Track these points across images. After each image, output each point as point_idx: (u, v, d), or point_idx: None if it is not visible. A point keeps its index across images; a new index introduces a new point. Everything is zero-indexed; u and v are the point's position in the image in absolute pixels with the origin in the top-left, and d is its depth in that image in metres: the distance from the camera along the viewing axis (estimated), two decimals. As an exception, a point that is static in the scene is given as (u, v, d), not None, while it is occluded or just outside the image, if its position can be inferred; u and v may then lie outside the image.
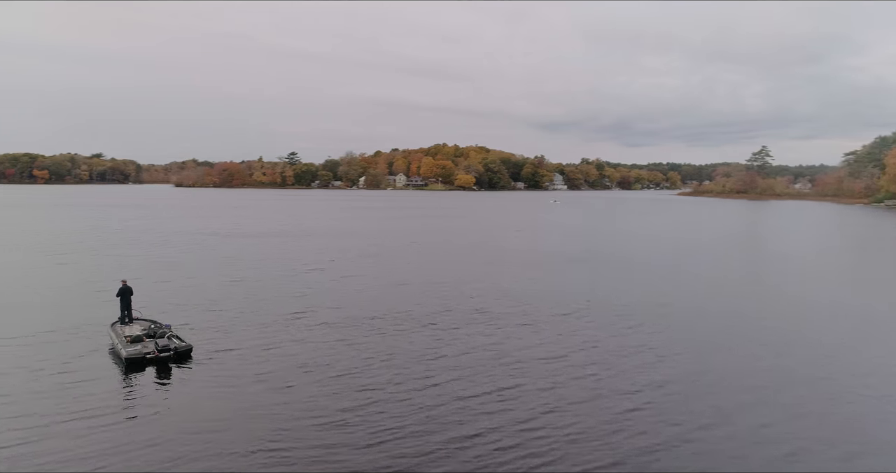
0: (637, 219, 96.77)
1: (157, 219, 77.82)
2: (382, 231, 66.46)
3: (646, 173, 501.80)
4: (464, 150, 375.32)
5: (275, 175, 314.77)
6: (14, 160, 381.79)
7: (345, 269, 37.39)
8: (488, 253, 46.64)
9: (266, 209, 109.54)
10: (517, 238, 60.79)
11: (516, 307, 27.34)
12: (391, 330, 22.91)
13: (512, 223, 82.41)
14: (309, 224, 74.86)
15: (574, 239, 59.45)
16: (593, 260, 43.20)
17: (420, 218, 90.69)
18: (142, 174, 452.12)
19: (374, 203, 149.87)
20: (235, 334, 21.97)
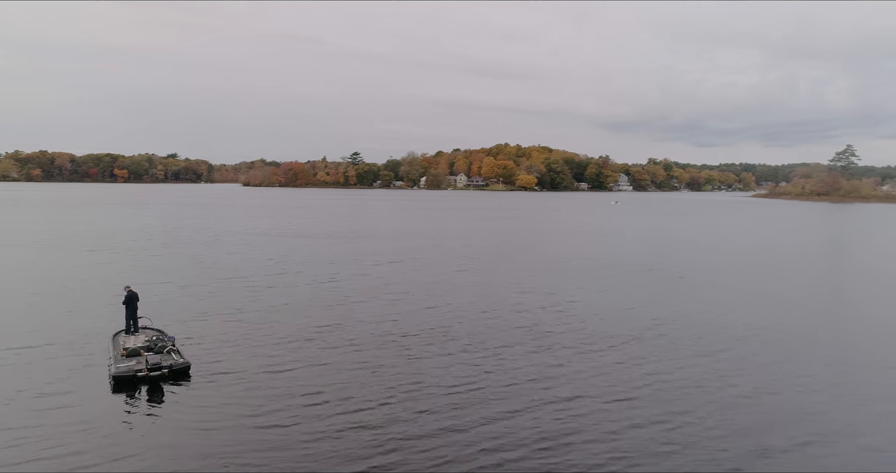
0: (708, 223, 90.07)
1: (215, 218, 78.17)
2: (436, 232, 63.85)
3: (717, 174, 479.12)
4: (526, 150, 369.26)
5: (338, 175, 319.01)
6: (97, 160, 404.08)
7: (387, 275, 34.80)
8: (543, 260, 43.07)
9: (326, 208, 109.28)
10: (576, 242, 56.74)
11: (571, 325, 23.83)
12: (423, 353, 19.92)
13: (570, 226, 78.02)
14: (363, 224, 73.21)
15: (638, 247, 54.83)
16: (660, 272, 38.85)
17: (477, 220, 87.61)
18: (213, 174, 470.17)
19: (433, 203, 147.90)
20: (247, 350, 19.57)
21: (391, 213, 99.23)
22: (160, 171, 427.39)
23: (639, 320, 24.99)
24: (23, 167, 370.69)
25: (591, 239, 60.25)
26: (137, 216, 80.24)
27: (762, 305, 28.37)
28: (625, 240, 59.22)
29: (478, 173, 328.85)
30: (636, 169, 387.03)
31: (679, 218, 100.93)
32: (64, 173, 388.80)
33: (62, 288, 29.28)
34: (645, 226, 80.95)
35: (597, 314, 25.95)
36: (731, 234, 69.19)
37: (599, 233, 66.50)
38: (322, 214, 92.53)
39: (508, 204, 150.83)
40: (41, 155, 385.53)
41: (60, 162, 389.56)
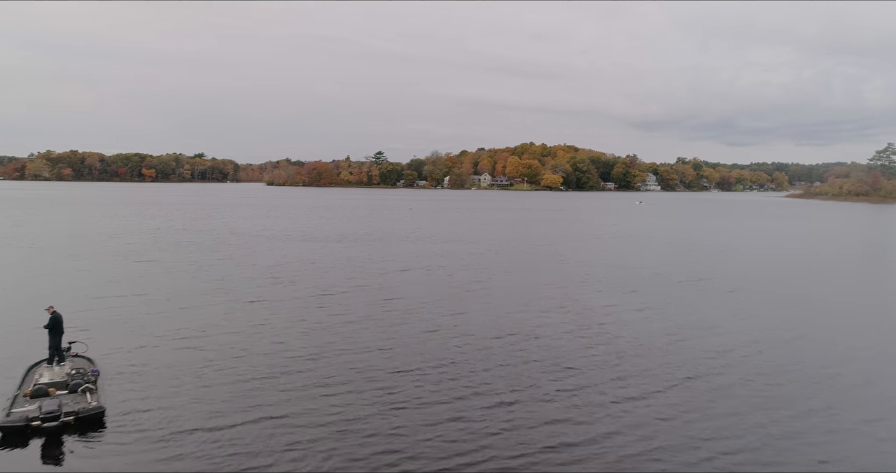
0: (746, 226, 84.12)
1: (227, 219, 75.19)
2: (453, 235, 59.66)
3: (748, 173, 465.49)
4: (551, 150, 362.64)
5: (361, 174, 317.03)
6: (126, 160, 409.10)
7: (390, 287, 30.71)
8: (567, 268, 38.56)
9: (343, 209, 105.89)
10: (602, 248, 51.98)
11: (602, 360, 19.31)
12: (410, 398, 15.66)
13: (593, 228, 73.05)
14: (377, 226, 69.41)
15: (671, 253, 49.85)
16: (705, 285, 34.04)
17: (495, 222, 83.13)
18: (239, 173, 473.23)
19: (454, 203, 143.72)
20: (194, 390, 15.59)
21: (405, 214, 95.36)
22: (187, 171, 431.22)
23: (690, 352, 20.39)
24: (54, 167, 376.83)
25: (618, 243, 55.38)
26: (149, 216, 77.74)
27: (854, 325, 23.54)
28: (654, 246, 54.22)
29: (502, 173, 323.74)
30: (664, 168, 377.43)
31: (712, 220, 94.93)
32: (94, 173, 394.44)
33: (8, 300, 25.84)
34: (675, 228, 75.55)
35: (634, 342, 21.43)
36: (776, 238, 63.49)
37: (625, 237, 61.52)
38: (337, 215, 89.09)
39: (530, 204, 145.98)
40: (72, 155, 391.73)
41: (90, 161, 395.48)
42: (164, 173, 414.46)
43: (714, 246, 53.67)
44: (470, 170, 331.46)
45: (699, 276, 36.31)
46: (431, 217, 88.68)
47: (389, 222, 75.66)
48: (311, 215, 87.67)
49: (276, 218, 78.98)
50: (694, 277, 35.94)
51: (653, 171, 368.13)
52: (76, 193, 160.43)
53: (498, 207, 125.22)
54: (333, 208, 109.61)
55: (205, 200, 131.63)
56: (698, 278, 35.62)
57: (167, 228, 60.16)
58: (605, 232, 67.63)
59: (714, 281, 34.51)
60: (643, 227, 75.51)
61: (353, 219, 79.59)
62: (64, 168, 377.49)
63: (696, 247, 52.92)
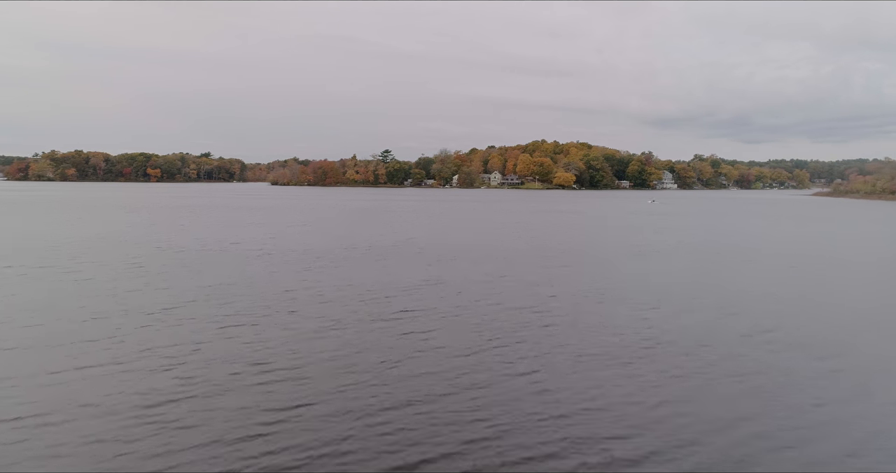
0: (779, 228, 74.06)
1: (193, 225, 66.63)
2: (439, 246, 50.33)
3: (768, 171, 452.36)
4: (564, 147, 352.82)
5: (367, 173, 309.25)
6: (131, 159, 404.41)
7: (348, 319, 21.73)
8: (588, 286, 29.14)
9: (339, 210, 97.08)
10: (620, 270, 42.45)
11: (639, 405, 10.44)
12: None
13: (620, 232, 63.18)
14: (363, 231, 60.46)
15: (705, 264, 40.08)
16: (748, 302, 24.53)
17: (484, 230, 73.88)
18: (246, 172, 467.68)
19: (458, 203, 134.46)
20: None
21: (395, 216, 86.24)
22: (193, 171, 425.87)
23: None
24: (58, 167, 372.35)
25: (638, 262, 45.67)
26: (108, 221, 69.40)
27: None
28: (683, 266, 44.48)
29: (513, 171, 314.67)
30: (681, 166, 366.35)
31: (742, 221, 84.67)
32: (98, 173, 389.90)
33: None
34: (698, 236, 65.45)
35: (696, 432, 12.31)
36: (843, 246, 53.24)
37: (643, 251, 51.41)
38: (326, 219, 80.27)
39: (535, 205, 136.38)
40: (76, 155, 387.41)
41: (95, 161, 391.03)
42: (169, 173, 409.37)
43: (752, 249, 43.85)
44: (480, 169, 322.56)
45: (768, 327, 26.43)
46: (423, 220, 79.68)
47: (380, 228, 66.80)
48: (296, 219, 79.07)
49: (247, 226, 70.38)
50: (762, 328, 26.20)
51: (669, 169, 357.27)
52: (67, 194, 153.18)
53: (498, 208, 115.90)
54: (319, 211, 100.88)
55: (195, 202, 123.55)
56: (767, 329, 25.74)
57: (108, 236, 51.50)
58: (610, 244, 57.82)
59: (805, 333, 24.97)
60: (658, 237, 65.70)
61: (345, 224, 70.79)
62: (68, 168, 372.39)
63: (727, 251, 42.98)
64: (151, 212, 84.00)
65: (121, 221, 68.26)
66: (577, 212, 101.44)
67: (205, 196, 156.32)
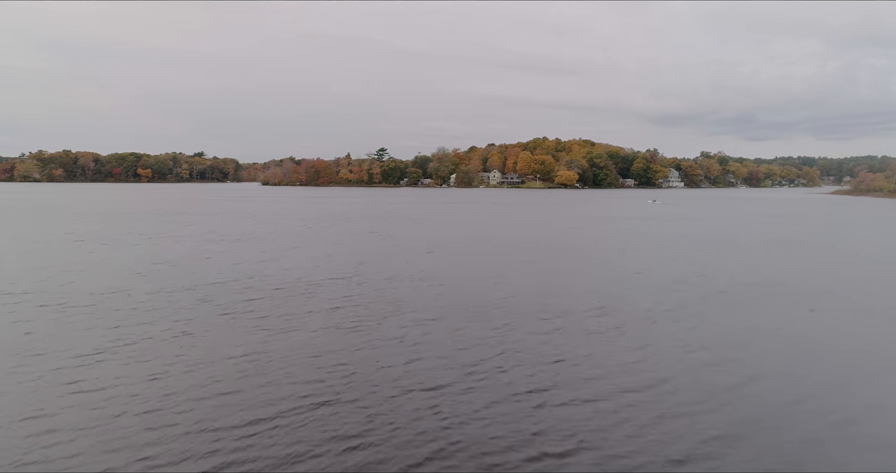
0: (832, 245, 61.58)
1: (155, 239, 55.08)
2: (400, 266, 38.54)
3: (777, 168, 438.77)
4: (566, 144, 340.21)
5: (361, 172, 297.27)
6: (121, 159, 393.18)
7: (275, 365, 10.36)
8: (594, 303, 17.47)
9: (299, 228, 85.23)
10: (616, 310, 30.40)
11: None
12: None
13: (623, 238, 51.17)
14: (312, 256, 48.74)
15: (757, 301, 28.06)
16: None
17: (493, 227, 61.97)
18: (240, 172, 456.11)
19: (445, 205, 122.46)
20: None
21: (352, 227, 74.39)
22: (185, 171, 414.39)
23: None
24: (45, 167, 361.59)
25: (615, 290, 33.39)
26: (65, 233, 57.87)
27: None
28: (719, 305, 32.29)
29: (513, 169, 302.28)
30: (688, 163, 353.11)
31: (771, 227, 72.13)
32: (87, 173, 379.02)
33: None
34: (720, 252, 53.11)
35: None
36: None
37: (630, 273, 38.71)
38: (286, 230, 68.59)
39: (522, 212, 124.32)
40: (64, 155, 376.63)
41: (84, 162, 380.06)
42: (160, 173, 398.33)
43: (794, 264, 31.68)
44: (479, 168, 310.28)
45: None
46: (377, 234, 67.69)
47: (330, 249, 55.01)
48: (230, 232, 67.33)
49: (171, 241, 58.64)
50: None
51: (675, 167, 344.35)
52: (40, 197, 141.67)
53: (501, 212, 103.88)
54: (278, 222, 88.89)
55: (165, 206, 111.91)
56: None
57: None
58: (626, 269, 45.42)
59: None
60: (649, 261, 53.29)
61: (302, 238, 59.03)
62: (55, 169, 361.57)
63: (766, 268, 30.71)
64: (89, 224, 72.34)
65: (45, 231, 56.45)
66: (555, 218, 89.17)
67: (175, 198, 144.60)
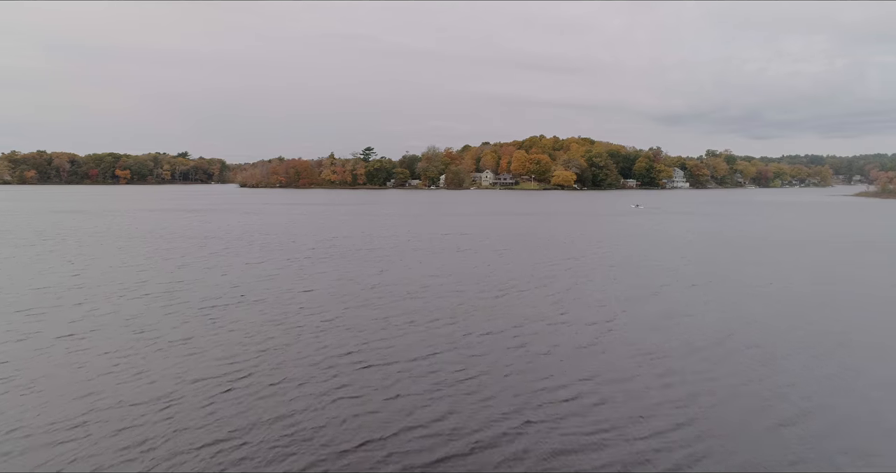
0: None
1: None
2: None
3: (787, 167, 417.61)
4: (564, 143, 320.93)
5: (345, 173, 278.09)
6: (98, 160, 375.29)
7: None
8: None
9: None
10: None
11: None
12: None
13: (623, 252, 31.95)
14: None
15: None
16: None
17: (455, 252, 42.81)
18: (226, 173, 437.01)
19: (403, 216, 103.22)
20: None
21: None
22: (166, 172, 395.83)
23: None
24: (16, 169, 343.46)
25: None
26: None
27: None
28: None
29: (507, 169, 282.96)
30: (693, 162, 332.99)
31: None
32: (62, 175, 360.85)
33: None
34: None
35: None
36: None
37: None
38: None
39: (498, 221, 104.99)
40: (38, 155, 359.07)
41: (59, 163, 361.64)
42: (140, 174, 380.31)
43: None
44: (471, 167, 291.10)
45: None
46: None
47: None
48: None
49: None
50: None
51: (680, 166, 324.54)
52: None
53: (473, 223, 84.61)
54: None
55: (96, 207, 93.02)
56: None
57: None
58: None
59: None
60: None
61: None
62: (27, 170, 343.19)
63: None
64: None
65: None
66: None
67: (143, 202, 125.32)
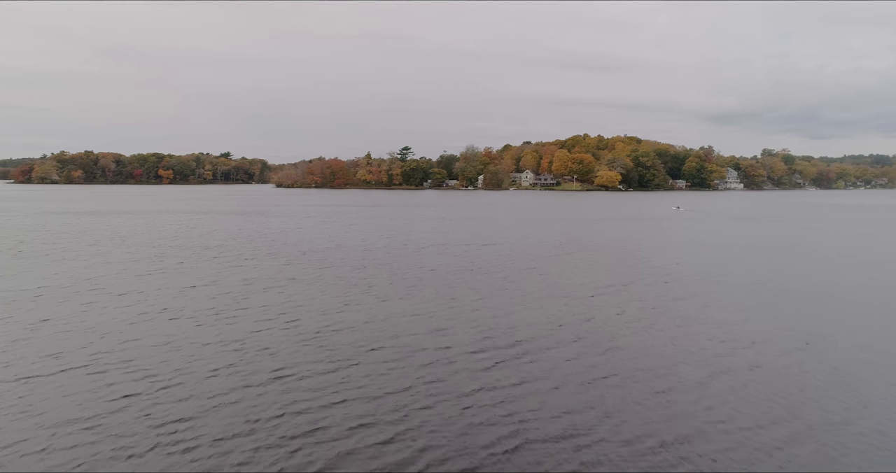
0: None
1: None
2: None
3: (851, 167, 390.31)
4: (609, 142, 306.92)
5: (380, 173, 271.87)
6: (142, 160, 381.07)
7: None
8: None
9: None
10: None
11: None
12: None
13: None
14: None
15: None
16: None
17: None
18: (267, 173, 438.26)
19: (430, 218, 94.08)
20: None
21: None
22: (208, 172, 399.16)
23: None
24: (63, 168, 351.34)
25: None
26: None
27: None
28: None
29: (548, 169, 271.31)
30: (748, 162, 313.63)
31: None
32: (108, 174, 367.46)
33: None
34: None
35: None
36: None
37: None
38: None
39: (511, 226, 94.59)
40: (85, 156, 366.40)
41: (104, 163, 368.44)
42: (182, 174, 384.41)
43: None
44: (511, 168, 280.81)
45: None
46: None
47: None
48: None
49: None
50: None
51: (733, 166, 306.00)
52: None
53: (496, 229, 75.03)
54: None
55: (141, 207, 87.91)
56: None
57: None
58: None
59: None
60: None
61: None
62: (74, 170, 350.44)
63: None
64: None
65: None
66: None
67: (165, 202, 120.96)
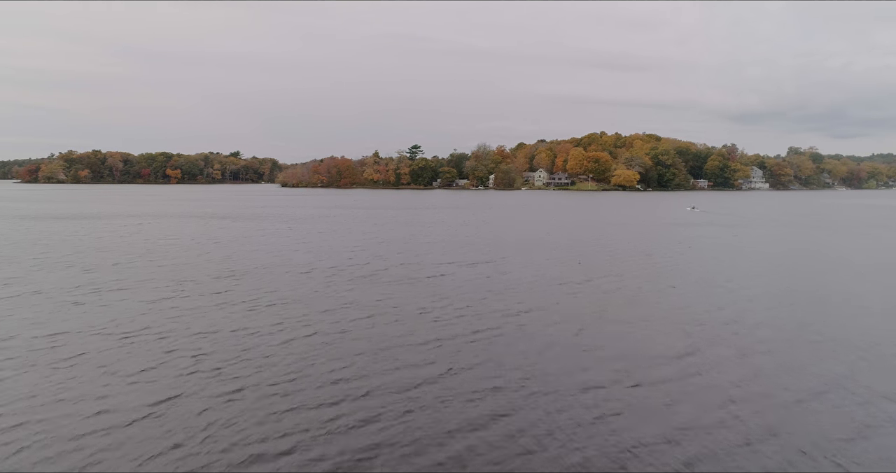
0: None
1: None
2: None
3: (883, 166, 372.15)
4: (627, 140, 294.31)
5: (388, 173, 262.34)
6: (150, 159, 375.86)
7: None
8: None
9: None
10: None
11: None
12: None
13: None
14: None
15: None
16: None
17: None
18: (276, 173, 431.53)
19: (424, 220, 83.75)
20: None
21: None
22: (216, 171, 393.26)
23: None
24: (70, 168, 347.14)
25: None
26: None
27: None
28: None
29: (562, 168, 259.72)
30: (773, 161, 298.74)
31: None
32: (115, 174, 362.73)
33: None
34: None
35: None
36: None
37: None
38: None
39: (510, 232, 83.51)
40: (92, 155, 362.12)
41: (112, 162, 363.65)
42: (190, 174, 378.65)
43: None
44: (524, 166, 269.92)
45: None
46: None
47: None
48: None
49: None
50: None
51: (758, 165, 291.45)
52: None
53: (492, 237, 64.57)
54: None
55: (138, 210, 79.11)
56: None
57: None
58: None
59: None
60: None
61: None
62: (81, 170, 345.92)
63: None
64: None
65: None
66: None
67: (162, 203, 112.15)
